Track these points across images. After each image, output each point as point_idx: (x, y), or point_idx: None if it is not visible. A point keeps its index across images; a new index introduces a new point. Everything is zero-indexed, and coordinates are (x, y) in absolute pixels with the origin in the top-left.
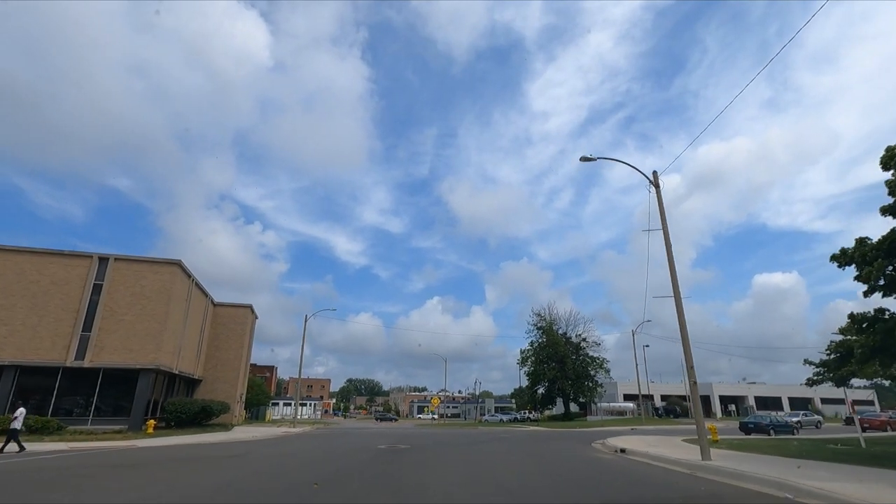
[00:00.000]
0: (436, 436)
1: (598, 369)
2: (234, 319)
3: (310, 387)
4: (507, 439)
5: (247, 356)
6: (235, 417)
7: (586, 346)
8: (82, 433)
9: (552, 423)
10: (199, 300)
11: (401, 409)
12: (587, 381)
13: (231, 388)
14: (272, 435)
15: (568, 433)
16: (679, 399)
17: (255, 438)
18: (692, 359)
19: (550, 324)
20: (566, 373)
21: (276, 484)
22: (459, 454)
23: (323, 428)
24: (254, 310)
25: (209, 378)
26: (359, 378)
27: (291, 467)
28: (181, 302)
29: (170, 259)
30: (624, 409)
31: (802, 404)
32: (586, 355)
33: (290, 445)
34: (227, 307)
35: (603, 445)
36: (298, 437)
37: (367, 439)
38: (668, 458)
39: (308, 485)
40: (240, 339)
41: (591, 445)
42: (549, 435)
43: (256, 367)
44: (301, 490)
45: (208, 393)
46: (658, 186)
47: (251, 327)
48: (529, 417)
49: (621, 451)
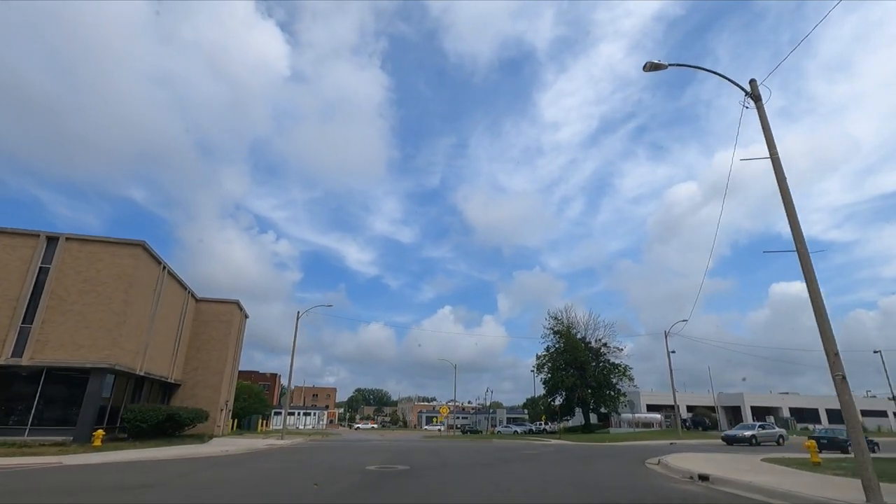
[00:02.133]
0: (444, 451)
1: (621, 377)
2: (218, 317)
3: (315, 396)
4: (535, 457)
5: (234, 359)
6: (219, 427)
7: (607, 352)
8: (14, 446)
9: (574, 436)
10: (174, 292)
11: (408, 420)
12: (608, 389)
13: (213, 395)
14: (251, 448)
15: (601, 448)
16: (706, 410)
17: (227, 454)
18: (835, 341)
19: (568, 327)
20: (586, 381)
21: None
22: (478, 484)
23: (318, 440)
24: (242, 306)
25: (189, 383)
26: (367, 388)
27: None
28: (146, 291)
29: (132, 240)
30: (650, 421)
31: (841, 416)
32: (607, 362)
33: (254, 464)
34: (211, 303)
35: (664, 467)
36: (279, 452)
37: (358, 456)
38: (802, 496)
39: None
40: (224, 340)
41: (647, 466)
42: (582, 451)
43: (258, 375)
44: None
45: (188, 399)
46: (759, 99)
47: (239, 327)
48: (545, 429)
49: (702, 479)
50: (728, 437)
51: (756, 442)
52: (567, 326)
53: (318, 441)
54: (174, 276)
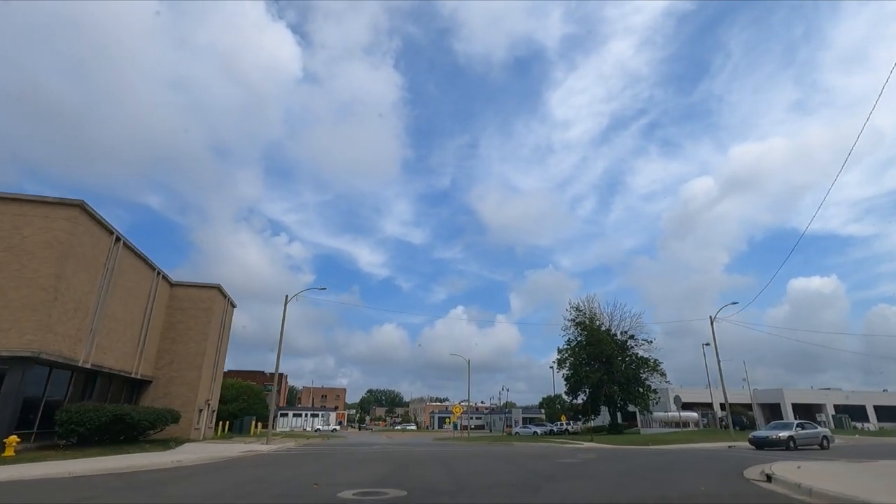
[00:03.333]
0: (459, 460)
1: (652, 372)
2: (197, 304)
3: (324, 396)
4: (584, 470)
5: (218, 354)
6: (197, 430)
7: (634, 345)
8: None
9: (605, 438)
10: (136, 272)
11: (420, 421)
12: (638, 385)
13: (190, 393)
14: (216, 458)
15: (653, 454)
16: (742, 408)
17: (178, 464)
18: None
19: (592, 319)
20: (613, 376)
21: None
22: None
23: (313, 444)
24: (226, 293)
25: (162, 379)
26: (380, 389)
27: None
28: (90, 265)
29: (68, 199)
30: (685, 420)
31: (891, 414)
32: (635, 356)
33: (180, 487)
34: (189, 288)
35: (781, 484)
36: (245, 462)
37: (341, 470)
38: None
39: None
40: (204, 330)
41: (758, 485)
42: (636, 458)
43: (263, 376)
44: None
45: (160, 398)
46: None
47: (224, 316)
48: (567, 429)
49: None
50: (758, 439)
51: (794, 445)
52: (590, 317)
53: (311, 446)
54: (135, 252)
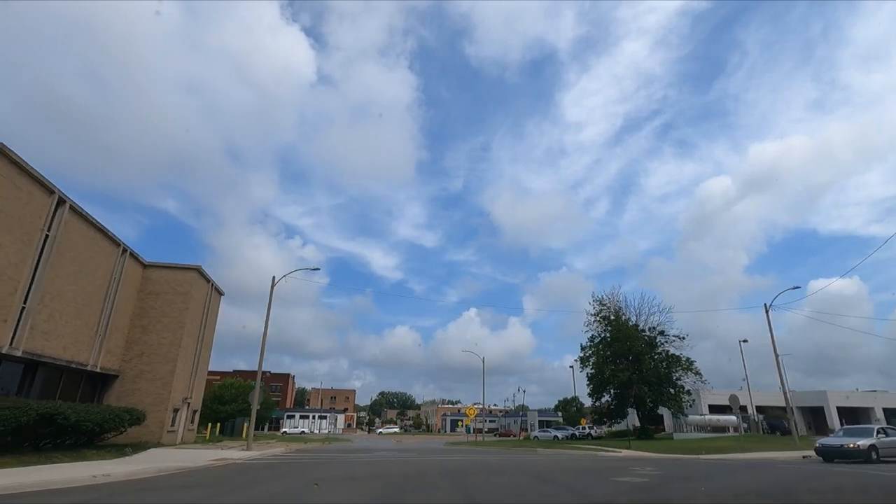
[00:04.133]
0: (477, 475)
1: (686, 371)
2: (173, 288)
3: (333, 398)
4: (663, 497)
5: (200, 345)
6: (172, 433)
7: (665, 342)
8: None
9: (642, 444)
10: (93, 245)
11: (432, 424)
12: (669, 386)
13: (163, 390)
14: (175, 468)
15: (725, 466)
16: (778, 411)
17: (106, 480)
18: None
19: (617, 312)
20: (643, 375)
21: None
22: None
23: (309, 449)
24: (208, 276)
25: (130, 374)
26: (391, 391)
27: None
28: (18, 226)
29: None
30: (724, 424)
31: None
32: (665, 353)
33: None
34: (163, 269)
35: None
36: (202, 475)
37: (319, 493)
38: None
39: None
40: (180, 318)
41: None
42: (713, 474)
43: (270, 376)
44: None
45: (127, 395)
46: None
47: (207, 304)
48: (590, 434)
49: None
50: (828, 448)
51: (876, 457)
52: (615, 311)
53: (304, 452)
54: (90, 221)
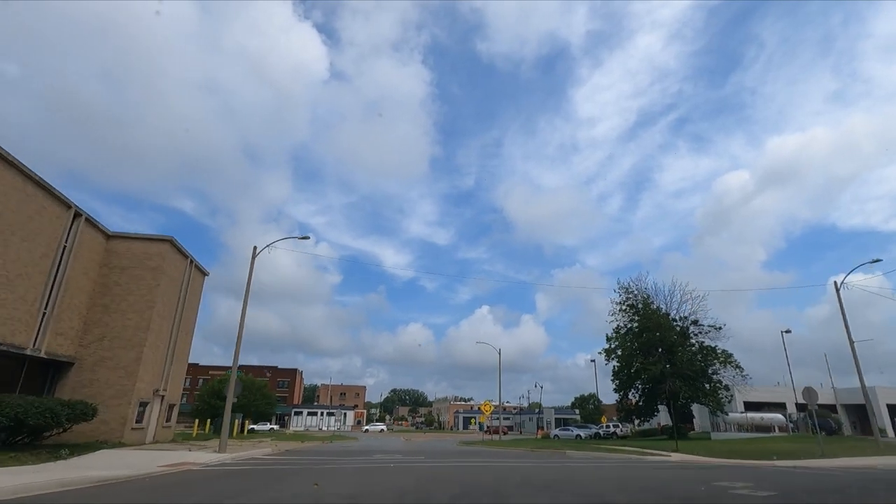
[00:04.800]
0: (514, 494)
1: (724, 365)
2: (141, 262)
3: (343, 394)
4: None
5: (174, 329)
6: (139, 430)
7: (699, 332)
8: None
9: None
10: (32, 204)
11: (444, 421)
12: (704, 380)
13: (126, 380)
14: (99, 478)
15: (838, 477)
16: (824, 409)
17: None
18: None
19: (646, 301)
20: (677, 369)
21: None
22: None
23: (302, 450)
24: (185, 251)
25: (89, 361)
26: (403, 388)
27: None
28: None
29: None
30: (769, 423)
31: None
32: (700, 345)
33: None
34: (130, 240)
35: None
36: (124, 488)
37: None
38: None
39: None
40: (149, 297)
41: None
42: (836, 488)
43: (277, 371)
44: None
45: (84, 387)
46: None
47: (185, 282)
48: (616, 433)
49: None
50: None
51: None
52: (644, 299)
53: (292, 454)
54: (23, 172)
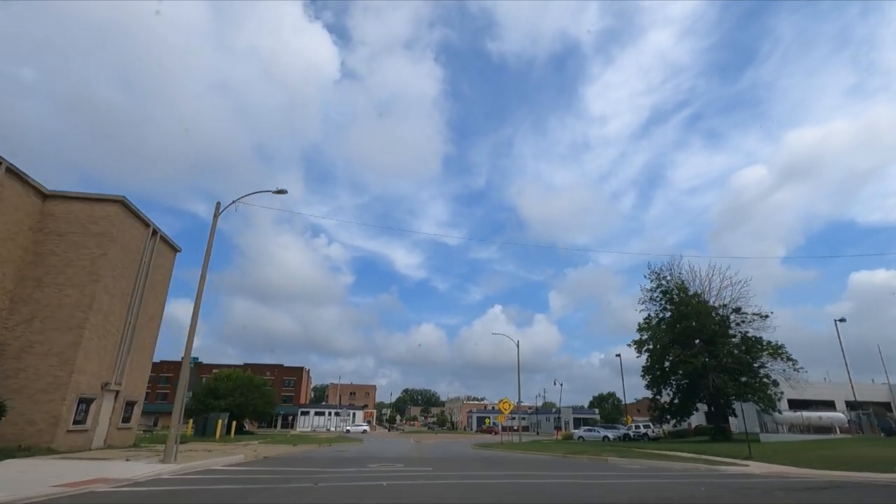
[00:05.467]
0: None
1: (774, 357)
2: (84, 227)
3: (352, 394)
4: None
5: (131, 309)
6: (80, 433)
7: (742, 322)
8: None
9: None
10: None
11: (457, 421)
12: (751, 376)
13: (60, 369)
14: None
15: None
16: (879, 408)
17: None
18: None
19: (682, 287)
20: (719, 362)
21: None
22: None
23: (291, 455)
24: (141, 214)
25: (15, 345)
26: (415, 388)
27: None
28: None
29: None
30: (828, 423)
31: None
32: (742, 335)
33: None
34: (71, 200)
35: None
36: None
37: None
38: None
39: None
40: (92, 268)
41: None
42: None
43: (283, 369)
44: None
45: (9, 377)
46: None
47: (145, 254)
48: (647, 435)
49: None
50: None
51: None
52: (678, 285)
53: (270, 464)
54: None
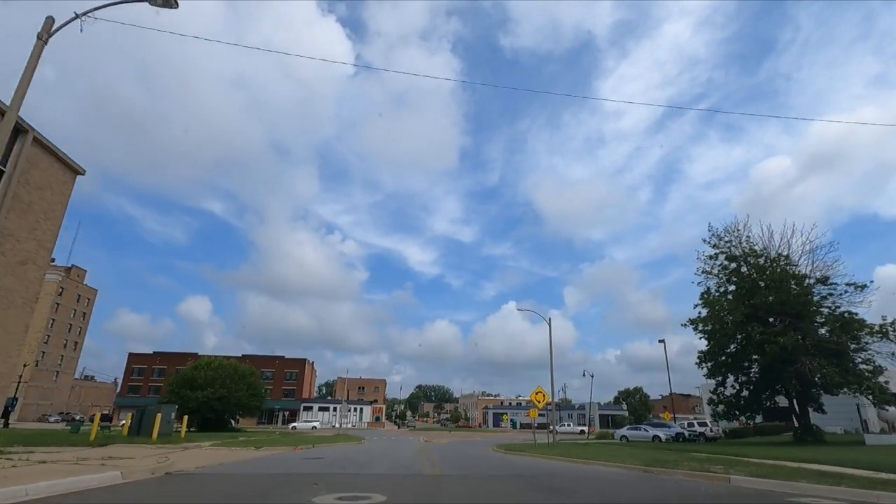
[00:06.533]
0: None
1: (883, 338)
2: None
3: (361, 389)
4: None
5: None
6: None
7: (833, 295)
8: None
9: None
10: None
11: (472, 417)
12: (845, 360)
13: None
14: None
15: None
16: None
17: None
18: None
19: (754, 252)
20: (814, 342)
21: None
22: None
23: (250, 461)
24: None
25: None
26: (429, 384)
27: None
28: None
29: None
30: None
31: None
32: (832, 311)
33: None
34: None
35: None
36: None
37: None
38: None
39: None
40: None
41: None
42: None
43: (284, 361)
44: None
45: None
46: None
47: (12, 163)
48: (703, 434)
49: None
50: None
51: None
52: (749, 250)
53: (216, 475)
54: None
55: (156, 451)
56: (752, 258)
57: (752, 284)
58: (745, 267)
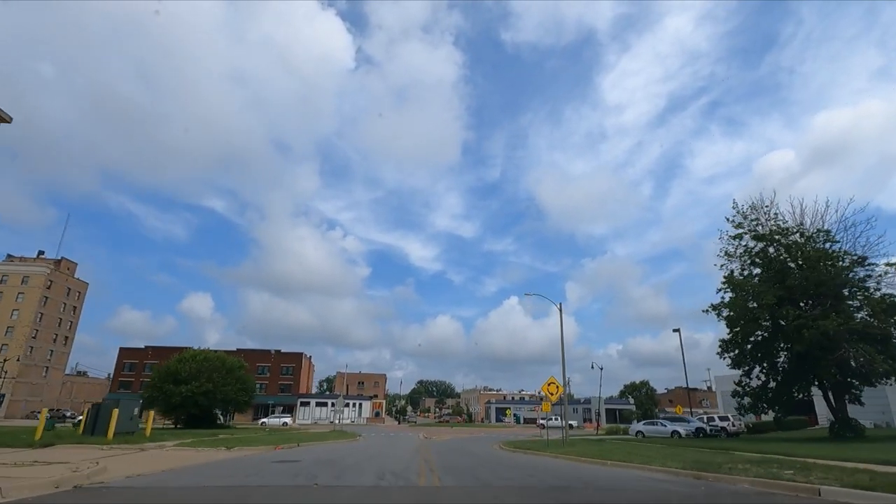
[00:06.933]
0: None
1: None
2: None
3: (361, 383)
4: None
5: None
6: None
7: (869, 277)
8: None
9: None
10: None
11: (474, 412)
12: (891, 346)
13: None
14: None
15: None
16: None
17: None
18: None
19: (784, 230)
20: (856, 327)
21: None
22: None
23: (189, 471)
24: None
25: None
26: (430, 380)
27: None
28: None
29: None
30: None
31: None
32: (867, 295)
33: None
34: None
35: None
36: None
37: None
38: None
39: None
40: None
41: None
42: None
43: (279, 355)
44: None
45: None
46: None
47: None
48: (725, 429)
49: None
50: None
51: None
52: (777, 228)
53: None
54: None
55: (100, 453)
56: (782, 237)
57: (781, 265)
58: (773, 246)
